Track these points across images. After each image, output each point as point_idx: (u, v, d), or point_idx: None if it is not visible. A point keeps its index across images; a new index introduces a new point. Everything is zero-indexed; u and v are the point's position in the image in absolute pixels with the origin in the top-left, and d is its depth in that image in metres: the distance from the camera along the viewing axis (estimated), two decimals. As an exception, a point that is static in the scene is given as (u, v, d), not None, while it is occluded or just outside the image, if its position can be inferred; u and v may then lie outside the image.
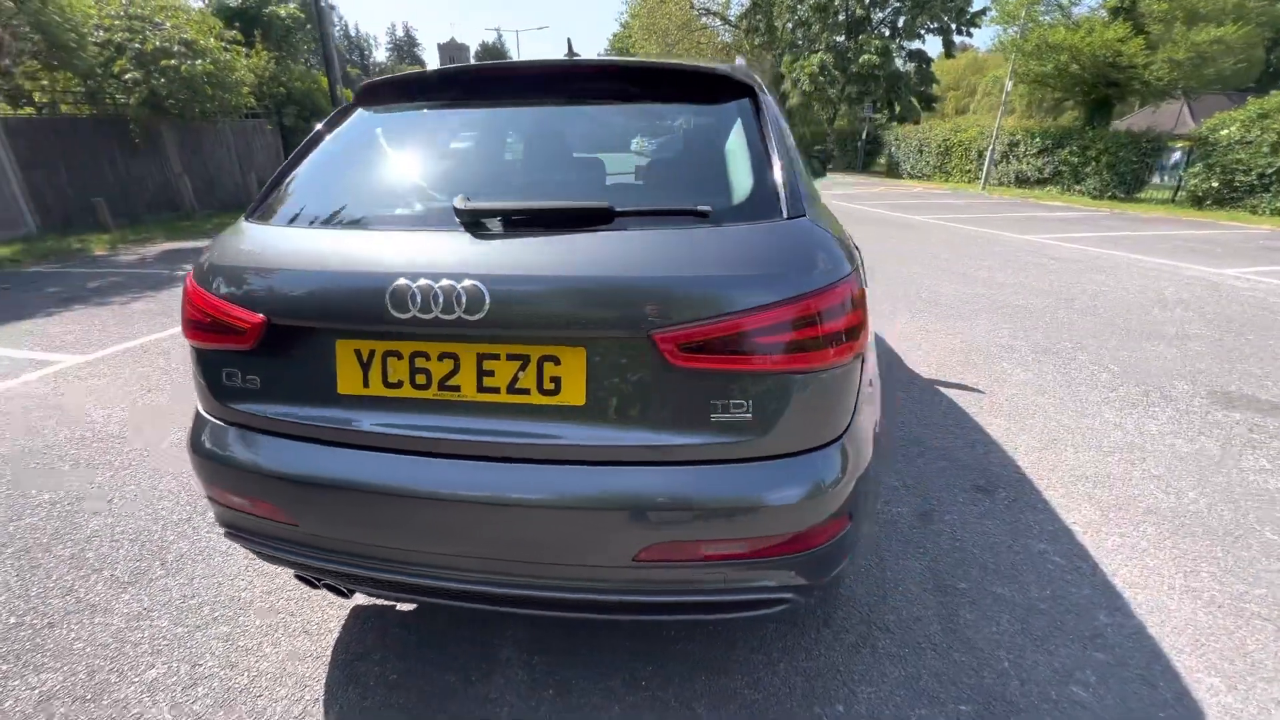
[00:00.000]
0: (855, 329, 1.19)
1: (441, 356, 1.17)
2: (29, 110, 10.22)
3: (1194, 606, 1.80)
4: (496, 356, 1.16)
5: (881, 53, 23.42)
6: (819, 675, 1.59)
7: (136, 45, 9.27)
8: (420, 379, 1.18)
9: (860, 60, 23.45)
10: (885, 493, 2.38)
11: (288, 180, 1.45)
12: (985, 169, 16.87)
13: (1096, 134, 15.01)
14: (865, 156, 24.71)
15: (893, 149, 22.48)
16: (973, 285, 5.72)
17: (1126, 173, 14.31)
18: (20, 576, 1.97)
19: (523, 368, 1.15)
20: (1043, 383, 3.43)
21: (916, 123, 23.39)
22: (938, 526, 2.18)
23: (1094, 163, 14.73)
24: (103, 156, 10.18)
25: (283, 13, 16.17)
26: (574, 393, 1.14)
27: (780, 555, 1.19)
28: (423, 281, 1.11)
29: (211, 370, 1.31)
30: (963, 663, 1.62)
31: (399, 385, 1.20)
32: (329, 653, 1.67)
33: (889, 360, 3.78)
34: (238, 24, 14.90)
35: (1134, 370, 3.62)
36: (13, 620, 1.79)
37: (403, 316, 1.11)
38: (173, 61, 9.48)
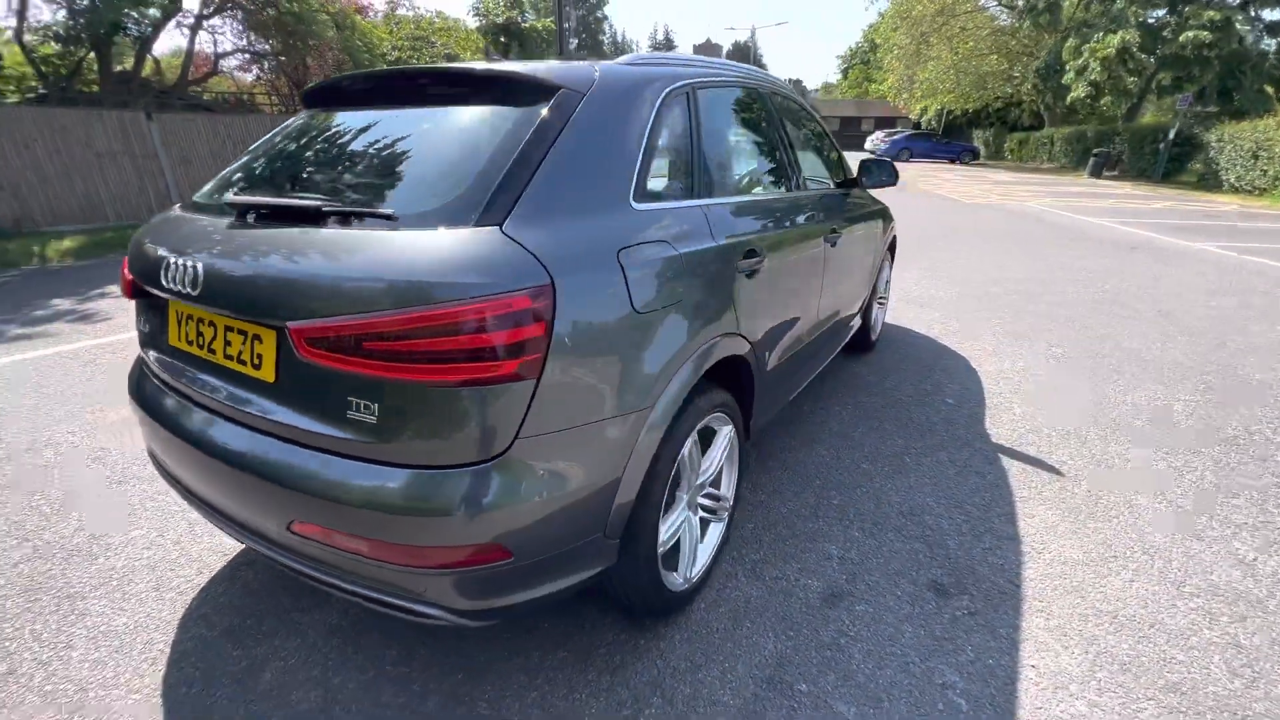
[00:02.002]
0: (511, 348, 1.11)
1: (209, 323, 1.40)
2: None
3: (1115, 834, 1.23)
4: (232, 329, 1.34)
5: (1218, 27, 17.99)
6: (562, 719, 1.49)
7: (413, 62, 11.66)
8: (200, 340, 1.43)
9: (1181, 38, 18.35)
10: (813, 561, 2.02)
11: (225, 170, 1.81)
12: (1359, 183, 11.98)
13: None
14: (1168, 162, 19.27)
15: (1213, 152, 17.19)
16: (1181, 340, 4.25)
17: None
18: (114, 471, 2.79)
19: (244, 341, 1.32)
20: (1169, 480, 2.48)
21: (1265, 115, 17.40)
22: (836, 614, 1.80)
23: None
24: (386, 149, 13.07)
25: (539, 26, 18.66)
26: (268, 370, 1.28)
27: (405, 566, 1.18)
28: (178, 259, 1.34)
29: (135, 318, 1.74)
30: (716, 767, 1.36)
31: (192, 344, 1.46)
32: (235, 552, 2.08)
33: (965, 414, 3.09)
34: (503, 38, 17.65)
35: (1369, 495, 2.40)
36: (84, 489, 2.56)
37: (165, 285, 1.37)
38: (437, 72, 11.76)
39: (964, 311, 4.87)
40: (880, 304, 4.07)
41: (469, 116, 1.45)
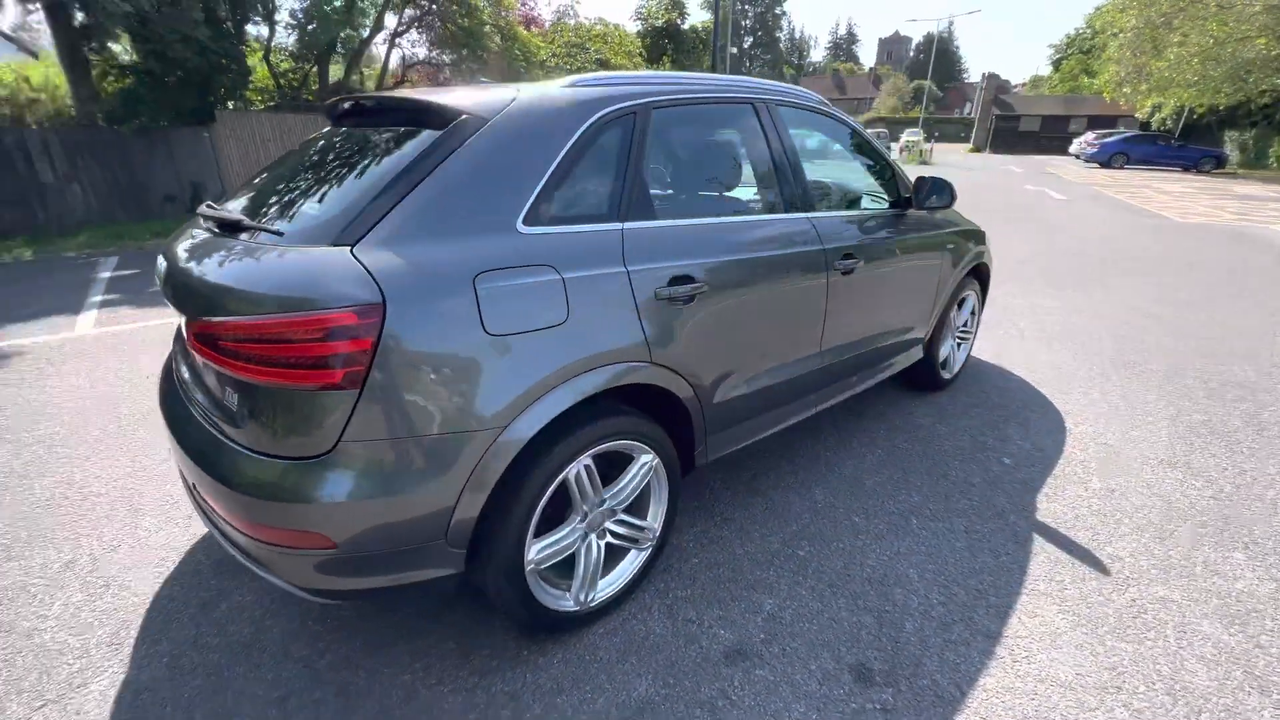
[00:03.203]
0: (333, 359, 1.22)
1: (190, 312, 1.70)
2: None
3: None
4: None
5: None
6: (417, 705, 1.59)
7: (566, 68, 12.45)
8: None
9: None
10: (738, 611, 1.90)
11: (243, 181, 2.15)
12: None
13: None
14: None
15: None
16: None
17: None
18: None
19: (195, 327, 1.59)
20: (1267, 606, 1.89)
21: None
22: (730, 672, 1.67)
23: None
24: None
25: (699, 27, 18.77)
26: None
27: (249, 539, 1.35)
28: (160, 257, 1.65)
29: None
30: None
31: (183, 325, 1.78)
32: (256, 499, 2.48)
33: (1018, 479, 2.62)
34: (663, 40, 18.07)
35: None
36: (208, 417, 3.17)
37: (155, 278, 1.69)
38: (587, 78, 12.49)
39: (1090, 356, 4.07)
40: (961, 339, 3.58)
41: (386, 141, 1.58)
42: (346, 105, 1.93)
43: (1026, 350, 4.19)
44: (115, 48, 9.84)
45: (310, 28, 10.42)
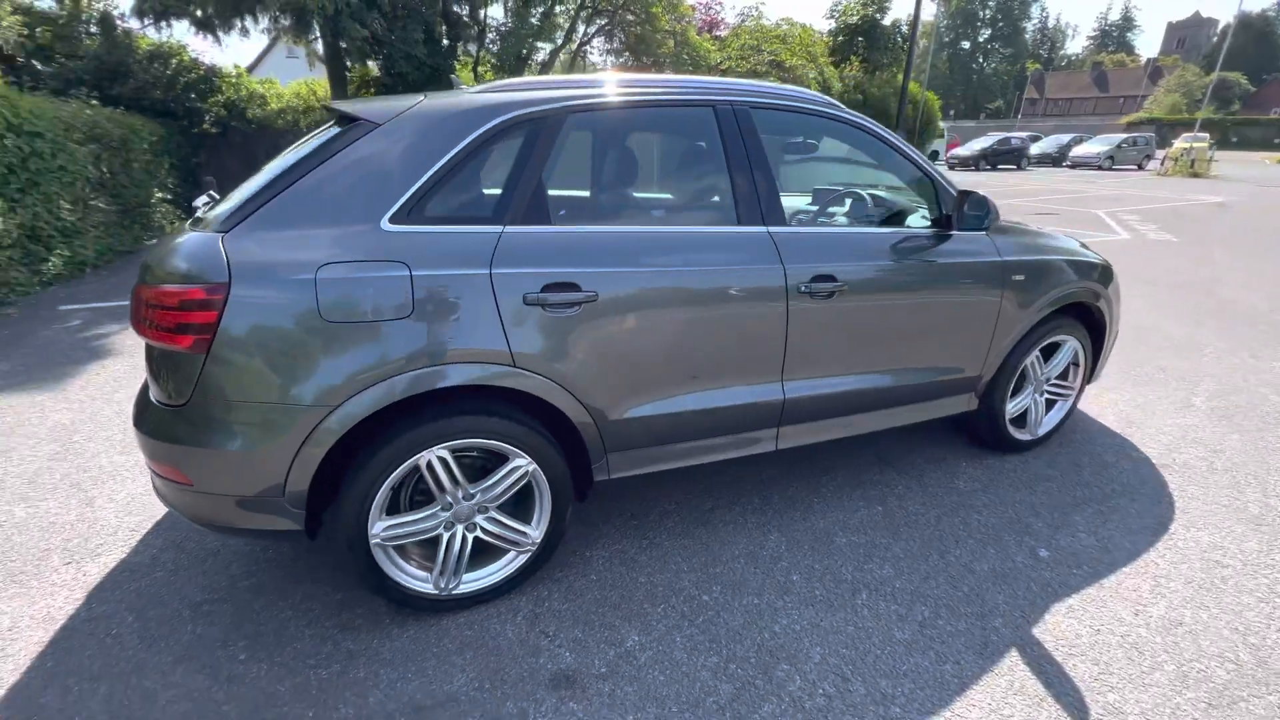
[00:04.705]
0: (185, 326, 1.46)
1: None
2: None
3: None
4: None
5: None
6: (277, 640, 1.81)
7: (738, 70, 12.33)
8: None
9: None
10: (597, 639, 1.81)
11: None
12: None
13: None
14: None
15: None
16: None
17: None
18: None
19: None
20: None
21: None
22: (545, 697, 1.61)
23: None
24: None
25: (902, 21, 17.14)
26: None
27: (153, 474, 1.66)
28: None
29: None
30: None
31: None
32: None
33: (1041, 580, 2.05)
34: (859, 38, 16.94)
35: None
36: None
37: None
38: (758, 79, 12.27)
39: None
40: (1053, 395, 2.88)
41: (311, 142, 1.80)
42: (331, 109, 2.21)
43: (1184, 423, 3.21)
44: (370, 65, 12.16)
45: (508, 41, 11.76)
